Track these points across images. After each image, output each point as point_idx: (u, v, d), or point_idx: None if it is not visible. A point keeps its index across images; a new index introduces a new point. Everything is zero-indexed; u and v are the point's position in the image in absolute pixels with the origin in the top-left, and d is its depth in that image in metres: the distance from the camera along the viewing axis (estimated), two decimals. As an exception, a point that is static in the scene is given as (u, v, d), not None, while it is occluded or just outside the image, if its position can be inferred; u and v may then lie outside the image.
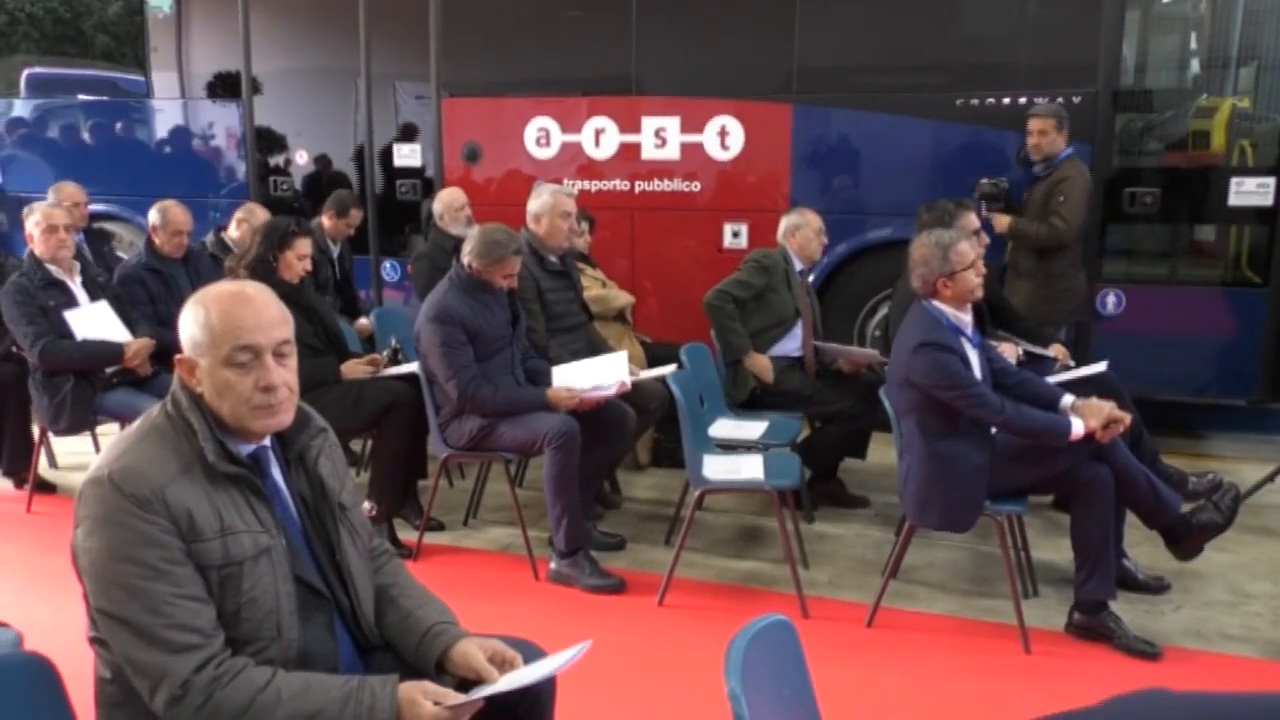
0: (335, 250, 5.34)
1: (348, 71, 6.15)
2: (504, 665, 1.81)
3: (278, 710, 1.60)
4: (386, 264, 6.21)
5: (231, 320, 1.68)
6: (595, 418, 3.73)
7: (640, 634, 3.27)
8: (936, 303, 3.21)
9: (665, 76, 5.59)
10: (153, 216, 4.56)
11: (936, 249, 3.18)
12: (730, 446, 3.96)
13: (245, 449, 1.73)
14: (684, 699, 2.85)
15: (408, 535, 3.95)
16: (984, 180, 4.76)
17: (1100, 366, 3.93)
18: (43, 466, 4.60)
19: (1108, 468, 3.08)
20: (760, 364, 4.26)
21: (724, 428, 4.08)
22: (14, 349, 4.29)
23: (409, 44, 6.01)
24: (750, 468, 3.61)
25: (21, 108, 7.06)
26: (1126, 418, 3.08)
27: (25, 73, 7.22)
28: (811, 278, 5.18)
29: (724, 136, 5.45)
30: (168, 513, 1.59)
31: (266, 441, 1.77)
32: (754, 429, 4.05)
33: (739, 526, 4.22)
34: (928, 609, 3.45)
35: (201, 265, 4.72)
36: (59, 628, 2.37)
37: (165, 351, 4.17)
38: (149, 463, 1.62)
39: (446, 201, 5.08)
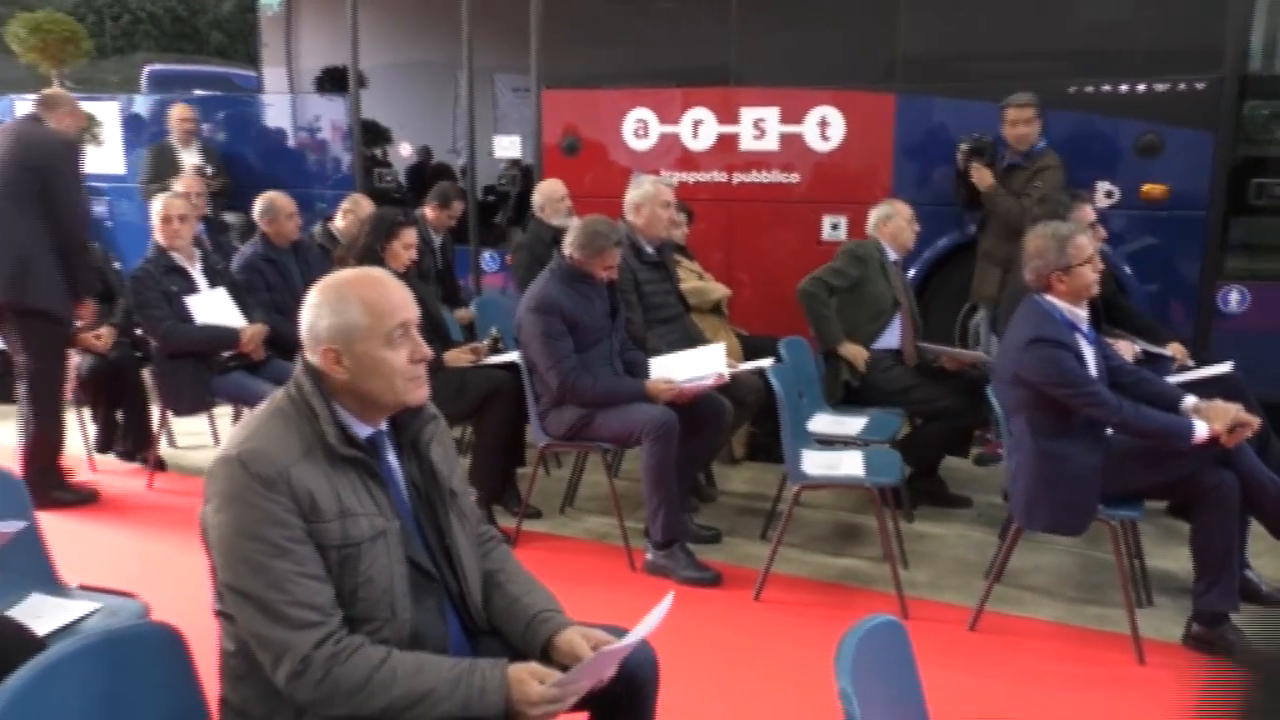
0: (438, 241, 5.44)
1: (449, 65, 6.26)
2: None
3: (393, 688, 1.63)
4: (485, 254, 6.31)
5: (386, 301, 1.75)
6: (692, 410, 3.72)
7: (738, 628, 3.25)
8: (1050, 297, 3.11)
9: (765, 67, 5.53)
10: (260, 209, 4.70)
11: (1053, 241, 3.08)
12: (829, 442, 3.91)
13: (363, 432, 1.77)
14: (783, 694, 2.83)
15: (506, 522, 4.00)
16: (969, 136, 4.68)
17: (1225, 367, 3.75)
18: (162, 446, 4.80)
19: (1233, 474, 2.93)
20: (854, 352, 4.20)
21: (823, 423, 4.03)
22: (136, 333, 4.49)
23: (509, 37, 6.08)
24: (850, 464, 3.55)
25: (141, 103, 7.37)
26: (1254, 421, 2.94)
27: (146, 70, 7.54)
28: (911, 273, 5.09)
29: (824, 127, 5.37)
30: (291, 492, 1.64)
31: (383, 426, 1.82)
32: (853, 424, 3.99)
33: (836, 523, 4.17)
34: (1034, 614, 3.34)
35: (310, 255, 4.87)
36: (179, 600, 2.46)
37: (278, 338, 4.33)
38: (274, 444, 1.67)
39: (546, 193, 5.13)
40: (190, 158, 6.30)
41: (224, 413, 4.82)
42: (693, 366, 3.80)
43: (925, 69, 5.19)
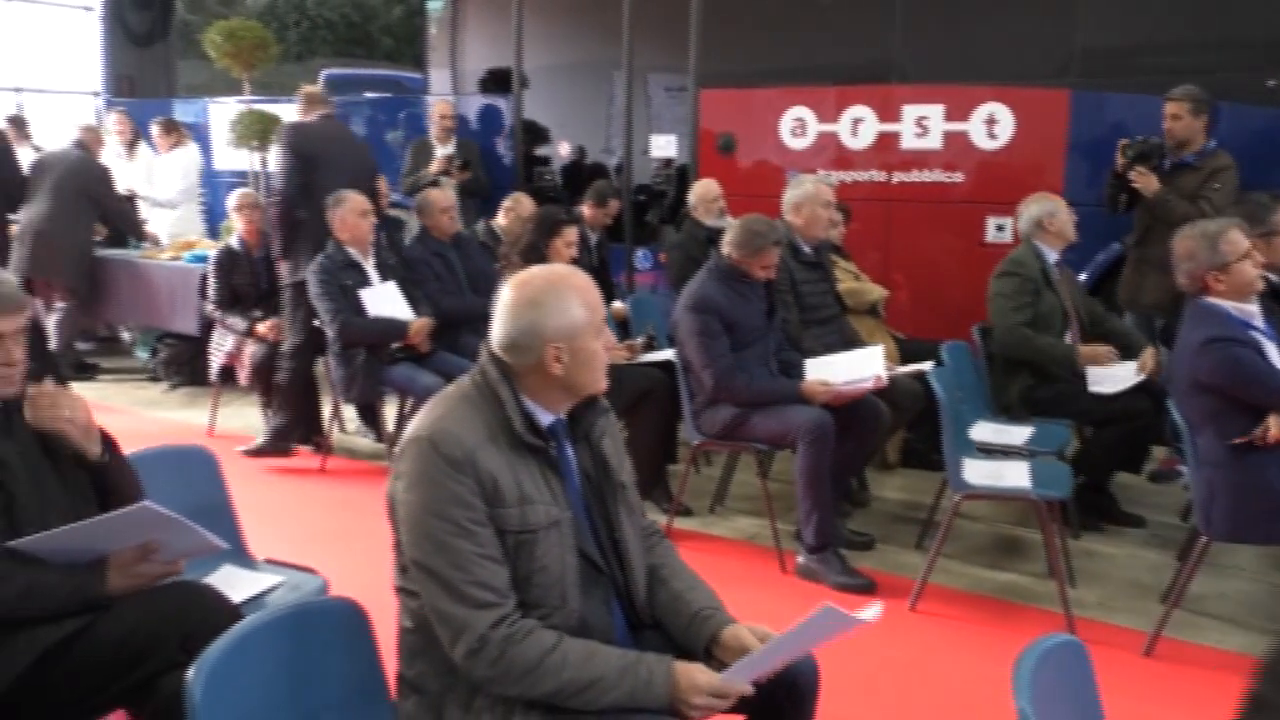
0: (594, 239, 5.53)
1: (605, 65, 6.35)
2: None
3: (563, 672, 1.67)
4: (639, 252, 6.37)
5: (594, 296, 1.83)
6: (849, 412, 3.65)
7: (893, 638, 3.17)
8: (1212, 299, 2.92)
9: (929, 63, 5.38)
10: (419, 204, 4.96)
11: (1203, 240, 2.91)
12: (990, 450, 3.76)
13: (545, 420, 1.81)
14: (943, 709, 2.74)
15: (657, 519, 4.02)
16: (1133, 139, 4.30)
17: None
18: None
19: None
20: (1096, 353, 3.92)
21: (985, 431, 3.88)
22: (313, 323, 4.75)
23: (666, 37, 6.12)
24: (1015, 474, 3.41)
25: (319, 105, 7.76)
26: None
27: (323, 74, 7.93)
28: (1083, 276, 4.85)
29: (991, 125, 5.18)
30: (476, 475, 1.69)
31: (562, 415, 1.86)
32: (1018, 434, 3.82)
33: (994, 535, 4.01)
34: (1218, 643, 3.12)
35: (471, 250, 5.06)
36: (353, 577, 2.58)
37: (449, 322, 4.55)
38: (462, 427, 1.73)
39: (700, 193, 5.15)
40: (445, 152, 6.41)
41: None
42: (850, 368, 3.73)
43: (1105, 63, 4.93)
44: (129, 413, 5.63)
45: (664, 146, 6.21)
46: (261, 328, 4.86)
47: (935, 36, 5.40)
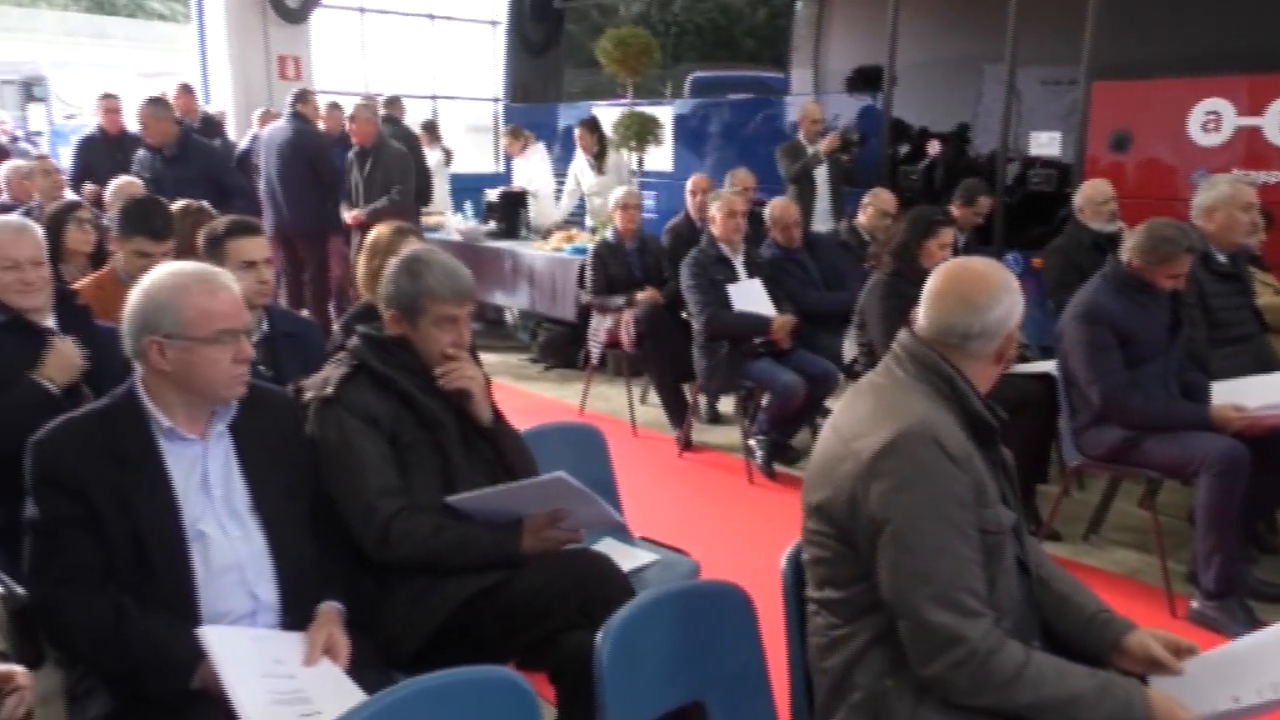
0: (961, 239, 5.30)
1: (975, 60, 6.05)
2: (1182, 655, 1.68)
3: (1041, 686, 1.57)
4: (1009, 256, 6.01)
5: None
6: (1266, 445, 3.20)
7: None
8: None
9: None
10: (766, 216, 5.05)
11: None
12: None
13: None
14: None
15: (1022, 540, 3.79)
16: None
17: None
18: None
19: None
20: None
21: None
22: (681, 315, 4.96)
23: (1048, 28, 5.72)
24: None
25: (683, 106, 8.08)
26: None
27: (690, 77, 8.27)
28: None
29: None
30: (973, 474, 1.63)
31: None
32: None
33: None
34: None
35: (824, 250, 5.09)
36: (715, 561, 2.67)
37: (809, 321, 4.58)
38: (947, 424, 1.65)
39: (1089, 194, 4.75)
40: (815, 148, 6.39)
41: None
42: (1269, 393, 3.28)
43: None
44: (511, 389, 6.21)
45: (1046, 144, 5.79)
46: (641, 295, 5.10)
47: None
